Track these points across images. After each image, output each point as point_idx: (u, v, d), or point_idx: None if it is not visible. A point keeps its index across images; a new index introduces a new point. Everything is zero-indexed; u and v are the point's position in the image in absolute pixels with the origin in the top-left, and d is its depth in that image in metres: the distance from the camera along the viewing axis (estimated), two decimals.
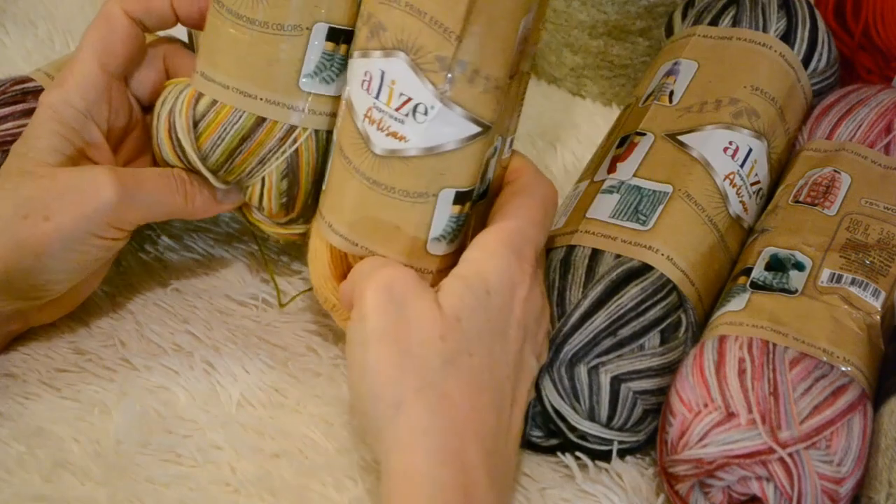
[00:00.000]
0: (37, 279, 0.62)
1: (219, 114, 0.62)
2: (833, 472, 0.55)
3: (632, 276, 0.61)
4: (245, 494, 0.60)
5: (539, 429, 0.60)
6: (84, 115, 0.63)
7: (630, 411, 0.59)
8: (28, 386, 0.65)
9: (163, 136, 0.64)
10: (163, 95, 0.65)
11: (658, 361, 0.60)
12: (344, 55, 0.62)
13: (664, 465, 0.58)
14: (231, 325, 0.68)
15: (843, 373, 0.57)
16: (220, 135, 0.62)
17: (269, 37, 0.61)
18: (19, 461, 0.61)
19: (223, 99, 0.62)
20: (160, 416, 0.64)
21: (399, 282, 0.55)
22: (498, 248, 0.57)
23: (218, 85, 0.62)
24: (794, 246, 0.63)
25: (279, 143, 0.62)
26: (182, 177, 0.64)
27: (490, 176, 0.60)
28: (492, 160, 0.59)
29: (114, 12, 0.64)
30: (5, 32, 0.88)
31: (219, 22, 0.62)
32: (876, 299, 0.61)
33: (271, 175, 0.63)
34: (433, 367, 0.53)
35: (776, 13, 0.73)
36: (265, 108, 0.62)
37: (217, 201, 0.65)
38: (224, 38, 0.62)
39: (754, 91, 0.69)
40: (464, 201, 0.58)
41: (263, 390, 0.65)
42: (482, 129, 0.56)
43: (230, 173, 0.63)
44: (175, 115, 0.63)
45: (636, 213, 0.63)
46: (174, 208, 0.65)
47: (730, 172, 0.66)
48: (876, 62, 0.79)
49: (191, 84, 0.63)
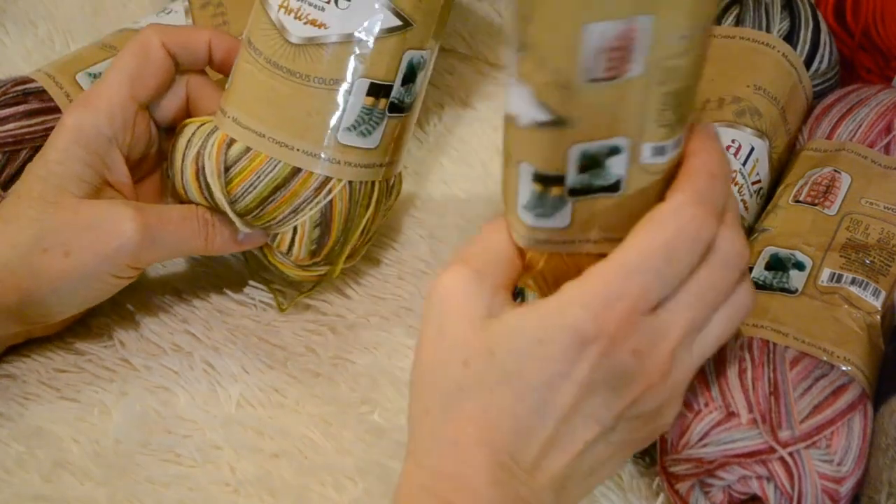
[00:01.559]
0: (47, 309, 0.62)
1: (252, 161, 0.62)
2: (833, 472, 0.55)
3: None
4: (244, 494, 0.60)
5: None
6: (110, 140, 0.63)
7: None
8: (28, 386, 0.65)
9: (189, 178, 0.63)
10: (186, 135, 0.64)
11: None
12: (383, 109, 0.62)
13: (664, 464, 0.58)
14: (230, 325, 0.68)
15: (843, 372, 0.57)
16: (252, 182, 0.62)
17: (310, 90, 0.61)
18: (19, 461, 0.61)
19: (258, 147, 0.61)
20: (160, 416, 0.64)
21: (448, 292, 0.51)
22: (588, 294, 0.49)
23: (252, 133, 0.62)
24: (794, 246, 0.63)
25: (314, 194, 0.62)
26: (205, 218, 0.64)
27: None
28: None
29: (152, 42, 0.64)
30: (5, 32, 0.88)
31: (255, 70, 0.62)
32: (876, 299, 0.61)
33: (304, 224, 0.63)
34: (446, 391, 0.50)
35: (779, 13, 0.73)
36: (302, 160, 0.62)
37: (237, 242, 0.65)
38: (260, 87, 0.62)
39: (757, 90, 0.69)
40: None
41: (263, 390, 0.65)
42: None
43: (259, 219, 0.63)
44: (204, 159, 0.62)
45: None
46: (194, 249, 0.65)
47: (732, 171, 0.66)
48: (876, 62, 0.79)
49: (219, 127, 0.63)
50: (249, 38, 0.63)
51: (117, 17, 0.89)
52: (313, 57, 0.61)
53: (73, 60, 0.72)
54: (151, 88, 0.64)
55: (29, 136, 0.68)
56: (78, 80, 0.70)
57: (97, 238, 0.61)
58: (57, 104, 0.69)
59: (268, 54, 0.61)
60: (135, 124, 0.64)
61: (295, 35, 0.61)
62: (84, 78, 0.70)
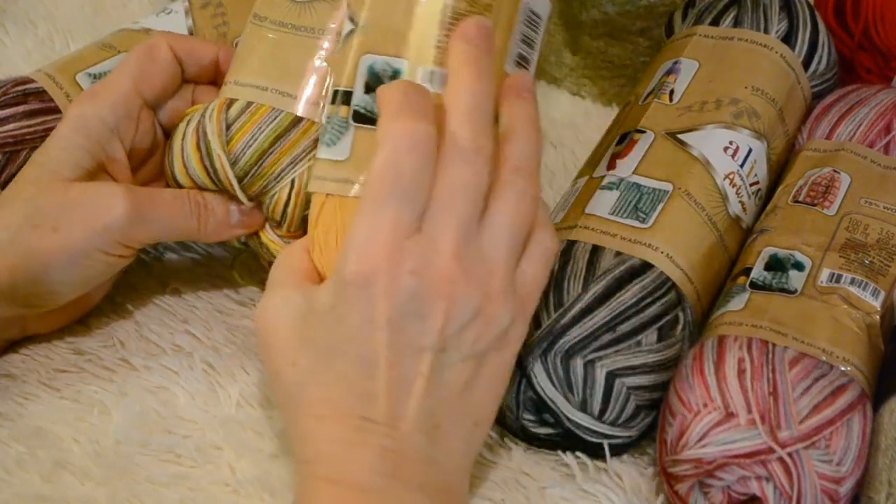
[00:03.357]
0: (41, 288, 0.62)
1: (254, 115, 0.63)
2: (832, 472, 0.55)
3: (634, 275, 0.61)
4: (244, 494, 0.60)
5: (530, 412, 0.60)
6: (111, 130, 0.63)
7: (623, 406, 0.59)
8: (27, 386, 0.65)
9: (190, 149, 0.64)
10: (185, 119, 0.65)
11: (654, 358, 0.60)
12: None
13: (664, 465, 0.58)
14: (230, 325, 0.68)
15: (842, 372, 0.57)
16: (253, 135, 0.63)
17: (315, 41, 0.63)
18: (19, 461, 0.61)
19: (260, 100, 0.63)
20: (160, 416, 0.64)
21: (264, 321, 0.56)
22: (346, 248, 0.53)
23: (254, 88, 0.64)
24: (793, 246, 0.63)
25: (313, 144, 0.63)
26: (196, 199, 0.64)
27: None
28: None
29: (160, 45, 0.66)
30: (5, 32, 0.88)
31: (260, 32, 0.64)
32: (875, 299, 0.61)
33: (301, 177, 0.63)
34: (291, 393, 0.55)
35: (777, 15, 0.73)
36: (304, 108, 0.63)
37: (230, 225, 0.65)
38: (265, 46, 0.64)
39: (755, 91, 0.69)
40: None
41: (263, 390, 0.65)
42: (353, 26, 0.58)
43: (258, 178, 0.63)
44: (206, 123, 0.63)
45: (636, 211, 0.63)
46: (186, 231, 0.65)
47: (730, 172, 0.66)
48: (876, 62, 0.79)
49: (218, 97, 0.65)
50: (255, 12, 0.66)
51: (117, 17, 0.89)
52: (318, 10, 0.64)
53: (73, 60, 0.72)
54: (157, 87, 0.65)
55: (29, 136, 0.68)
56: (78, 80, 0.70)
57: (86, 214, 0.61)
58: (57, 104, 0.69)
59: (273, 17, 0.64)
60: (139, 119, 0.65)
61: None
62: (84, 78, 0.70)
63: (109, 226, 0.61)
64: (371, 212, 0.52)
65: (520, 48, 0.59)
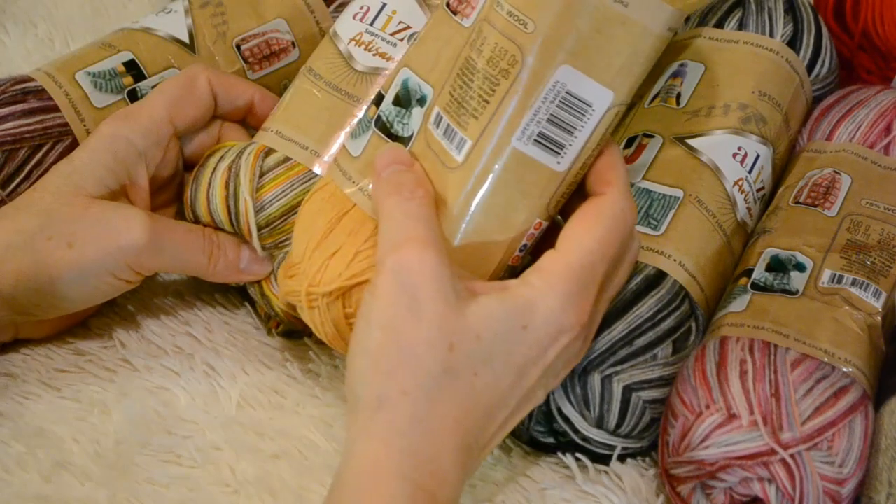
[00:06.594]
0: (43, 300, 0.62)
1: (290, 170, 0.64)
2: (835, 473, 0.55)
3: (650, 286, 0.61)
4: (245, 495, 0.60)
5: (541, 425, 0.60)
6: (140, 154, 0.64)
7: (638, 420, 0.59)
8: (28, 386, 0.65)
9: (217, 186, 0.64)
10: (217, 154, 0.65)
11: (669, 371, 0.59)
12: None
13: (666, 466, 0.58)
14: (231, 326, 0.68)
15: (844, 374, 0.57)
16: (284, 189, 0.63)
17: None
18: (19, 461, 0.61)
19: (299, 158, 0.64)
20: (160, 417, 0.64)
21: (416, 271, 0.51)
22: (560, 286, 0.53)
23: (296, 144, 0.64)
24: (794, 247, 0.63)
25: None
26: (211, 237, 0.65)
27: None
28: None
29: (199, 77, 0.66)
30: (5, 32, 0.88)
31: (313, 90, 0.66)
32: (877, 300, 0.61)
33: None
34: (431, 373, 0.51)
35: (782, 18, 0.72)
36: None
37: (238, 269, 0.65)
38: (316, 105, 0.65)
39: (762, 96, 0.69)
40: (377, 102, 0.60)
41: (263, 391, 0.65)
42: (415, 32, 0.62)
43: (278, 232, 0.64)
44: (240, 164, 0.64)
45: (647, 217, 0.63)
46: (195, 266, 0.65)
47: (739, 178, 0.66)
48: (876, 62, 0.79)
49: (257, 142, 0.65)
50: (311, 66, 0.67)
51: (117, 17, 0.89)
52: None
53: (73, 60, 0.71)
54: (189, 118, 0.66)
55: (28, 134, 0.68)
56: (77, 79, 0.70)
57: (104, 233, 0.61)
58: (56, 103, 0.69)
59: (328, 78, 0.65)
60: (167, 148, 0.65)
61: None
62: (84, 77, 0.70)
63: (125, 248, 0.61)
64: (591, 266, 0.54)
65: (543, 127, 0.54)
